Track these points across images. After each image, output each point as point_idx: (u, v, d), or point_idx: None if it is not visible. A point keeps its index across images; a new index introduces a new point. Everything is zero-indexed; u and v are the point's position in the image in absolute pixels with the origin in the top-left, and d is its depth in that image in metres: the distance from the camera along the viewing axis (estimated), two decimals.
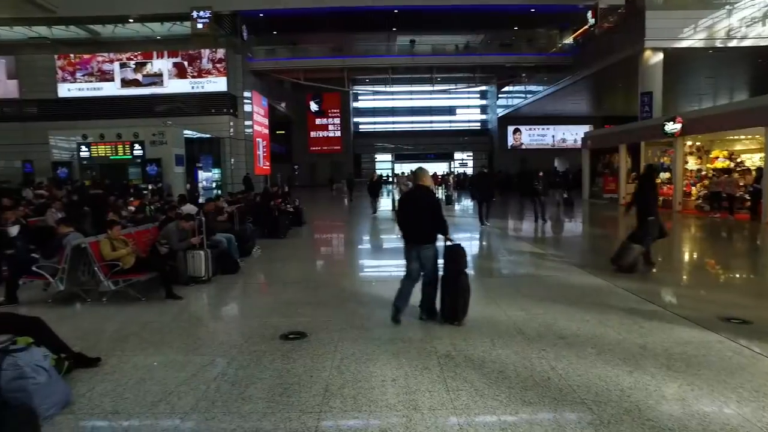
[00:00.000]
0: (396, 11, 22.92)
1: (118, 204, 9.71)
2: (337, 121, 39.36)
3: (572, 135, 35.56)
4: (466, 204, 19.41)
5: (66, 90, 22.46)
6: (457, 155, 41.69)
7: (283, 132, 38.15)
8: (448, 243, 4.61)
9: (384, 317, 4.84)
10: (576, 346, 3.97)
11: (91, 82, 22.43)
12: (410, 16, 23.61)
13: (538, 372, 3.50)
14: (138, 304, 5.56)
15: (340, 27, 25.15)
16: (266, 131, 27.51)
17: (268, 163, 27.96)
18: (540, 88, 26.99)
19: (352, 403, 3.11)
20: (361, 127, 42.03)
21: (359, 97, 41.22)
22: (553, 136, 37.52)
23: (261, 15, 22.59)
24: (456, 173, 30.50)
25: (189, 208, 8.22)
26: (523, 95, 30.74)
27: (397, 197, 15.97)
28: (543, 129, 37.27)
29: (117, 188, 15.90)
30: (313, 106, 38.85)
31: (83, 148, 18.13)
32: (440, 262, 4.63)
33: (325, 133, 39.45)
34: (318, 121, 39.30)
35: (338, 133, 39.49)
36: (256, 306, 5.55)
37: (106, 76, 22.49)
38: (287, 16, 22.63)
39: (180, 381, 3.50)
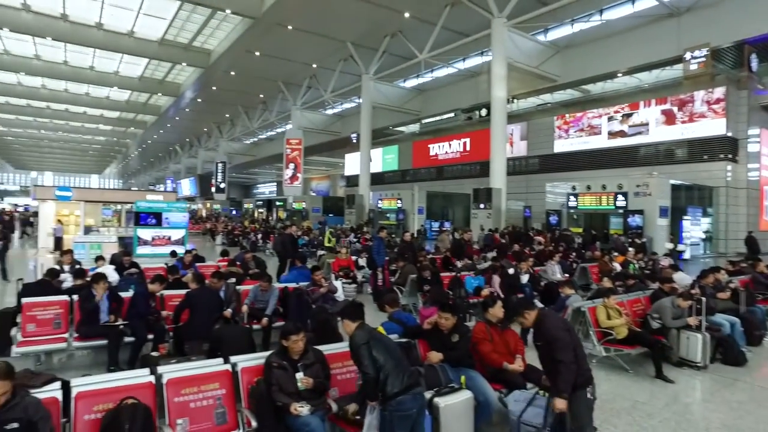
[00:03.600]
0: None
1: (605, 261, 10.25)
2: None
3: None
4: None
5: (560, 145, 25.71)
6: None
7: None
8: None
9: None
10: None
11: (581, 137, 24.80)
12: None
13: None
14: (626, 376, 5.69)
15: None
16: None
17: None
18: None
19: None
20: None
21: None
22: None
23: None
24: None
25: (681, 278, 7.77)
26: None
27: None
28: None
29: (599, 238, 16.89)
30: None
31: (571, 198, 20.17)
32: None
33: None
34: None
35: None
36: None
37: (594, 130, 24.32)
38: None
39: None
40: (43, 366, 5.65)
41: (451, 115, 30.15)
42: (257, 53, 25.83)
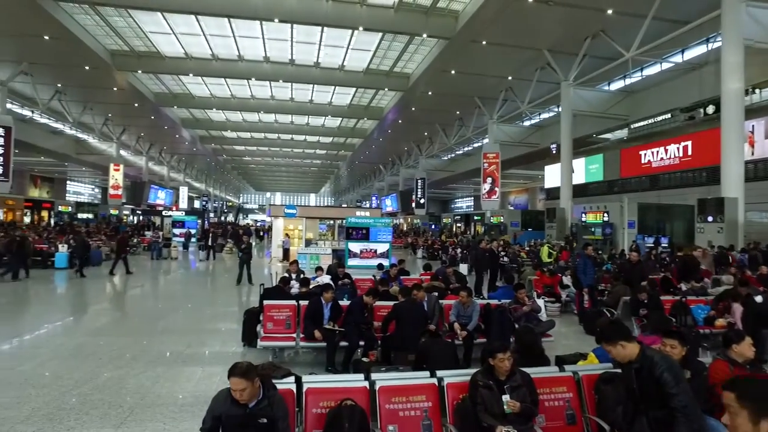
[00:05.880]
0: None
1: None
2: None
3: None
4: None
5: None
6: None
7: None
8: None
9: None
10: None
11: None
12: None
13: None
14: None
15: None
16: None
17: None
18: None
19: None
20: None
21: None
22: None
23: None
24: None
25: None
26: None
27: None
28: None
29: None
30: None
31: None
32: None
33: None
34: None
35: None
36: None
37: None
38: None
39: None
40: (277, 359, 6.66)
41: (667, 116, 26.35)
42: (453, 72, 26.58)
